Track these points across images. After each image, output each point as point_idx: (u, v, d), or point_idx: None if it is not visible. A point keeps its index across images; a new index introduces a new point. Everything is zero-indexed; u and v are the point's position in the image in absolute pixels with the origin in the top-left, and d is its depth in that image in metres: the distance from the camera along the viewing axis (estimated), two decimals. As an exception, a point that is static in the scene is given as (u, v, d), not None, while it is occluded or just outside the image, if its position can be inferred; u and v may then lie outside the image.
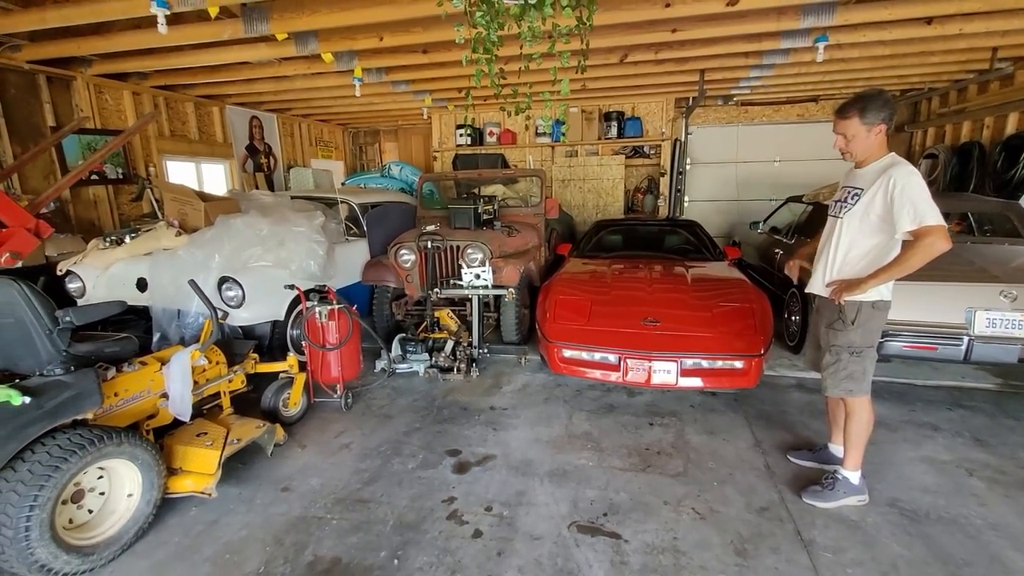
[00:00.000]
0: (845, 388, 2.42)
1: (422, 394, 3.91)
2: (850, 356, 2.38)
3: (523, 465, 2.89)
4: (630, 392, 3.81)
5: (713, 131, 8.53)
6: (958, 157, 6.55)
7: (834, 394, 2.48)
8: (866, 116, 2.23)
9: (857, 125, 2.26)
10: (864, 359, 2.38)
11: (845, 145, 2.34)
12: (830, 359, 2.43)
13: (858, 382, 2.40)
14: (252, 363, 3.34)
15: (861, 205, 2.29)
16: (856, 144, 2.31)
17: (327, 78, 6.04)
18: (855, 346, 2.37)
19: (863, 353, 2.38)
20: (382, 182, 7.78)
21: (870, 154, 2.32)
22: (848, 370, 2.39)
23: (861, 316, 2.34)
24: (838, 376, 2.42)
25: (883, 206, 2.21)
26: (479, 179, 6.23)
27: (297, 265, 4.04)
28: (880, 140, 2.29)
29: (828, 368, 2.45)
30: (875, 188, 2.23)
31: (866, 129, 2.25)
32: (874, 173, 2.28)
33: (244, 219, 4.02)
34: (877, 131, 2.26)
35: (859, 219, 2.31)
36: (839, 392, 2.44)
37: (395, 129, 10.36)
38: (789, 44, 4.83)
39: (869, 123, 2.24)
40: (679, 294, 3.88)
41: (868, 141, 2.28)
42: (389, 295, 5.01)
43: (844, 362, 2.39)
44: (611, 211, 8.14)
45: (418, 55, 5.17)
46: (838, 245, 2.39)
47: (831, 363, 2.43)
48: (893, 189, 2.16)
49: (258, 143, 7.86)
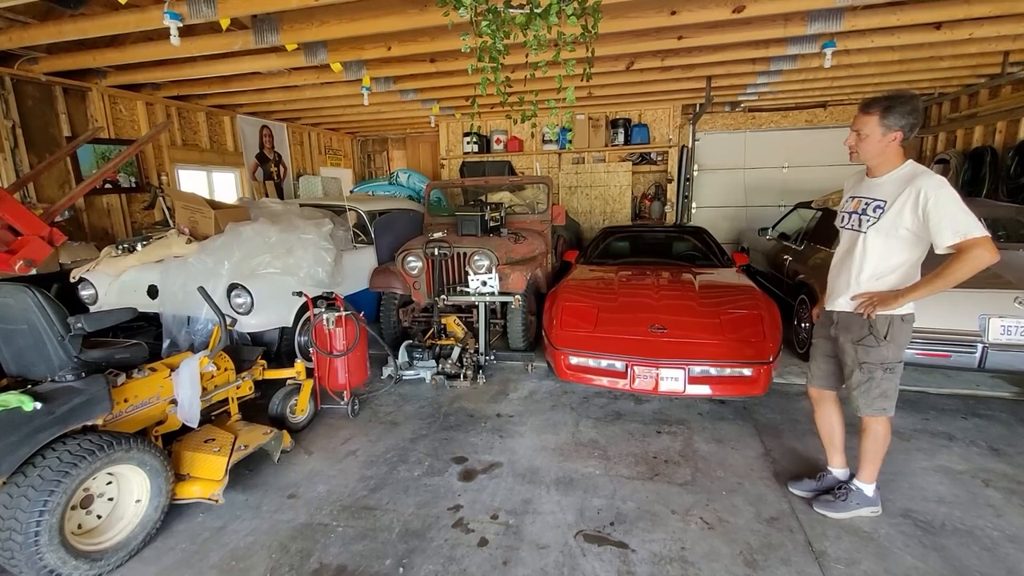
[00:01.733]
0: (879, 407, 2.28)
1: (428, 401, 3.90)
2: (884, 373, 2.23)
3: (529, 473, 2.87)
4: (637, 400, 3.78)
5: (720, 137, 8.51)
6: (970, 162, 6.48)
7: (868, 413, 2.31)
8: (887, 118, 2.09)
9: (875, 125, 2.12)
10: (896, 375, 2.26)
11: (856, 143, 2.20)
12: (861, 377, 2.27)
13: (891, 400, 2.28)
14: (260, 370, 3.36)
15: (887, 220, 2.13)
16: (867, 146, 2.17)
17: (336, 87, 6.11)
18: (888, 362, 2.23)
19: (895, 369, 2.25)
20: (390, 189, 7.84)
21: (882, 161, 2.18)
22: (882, 387, 2.25)
23: (893, 330, 2.19)
24: (871, 395, 2.27)
25: (915, 221, 2.07)
26: (486, 186, 6.26)
27: (305, 272, 4.08)
28: (894, 149, 2.15)
29: (860, 387, 2.29)
30: (902, 201, 2.08)
31: (881, 132, 2.11)
32: (896, 184, 2.13)
33: (253, 227, 4.07)
34: (892, 138, 2.12)
35: (886, 234, 2.15)
36: (873, 411, 2.30)
37: (403, 137, 10.44)
38: (796, 50, 4.82)
39: (887, 126, 2.10)
40: (686, 301, 3.86)
41: (879, 146, 2.14)
42: (396, 302, 5.02)
43: (878, 380, 2.24)
44: (618, 218, 8.14)
45: (425, 64, 5.22)
46: (864, 261, 2.23)
47: (863, 381, 2.27)
48: (926, 203, 2.02)
49: (268, 152, 7.96)
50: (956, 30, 4.40)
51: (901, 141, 2.13)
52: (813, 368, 2.60)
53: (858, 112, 2.18)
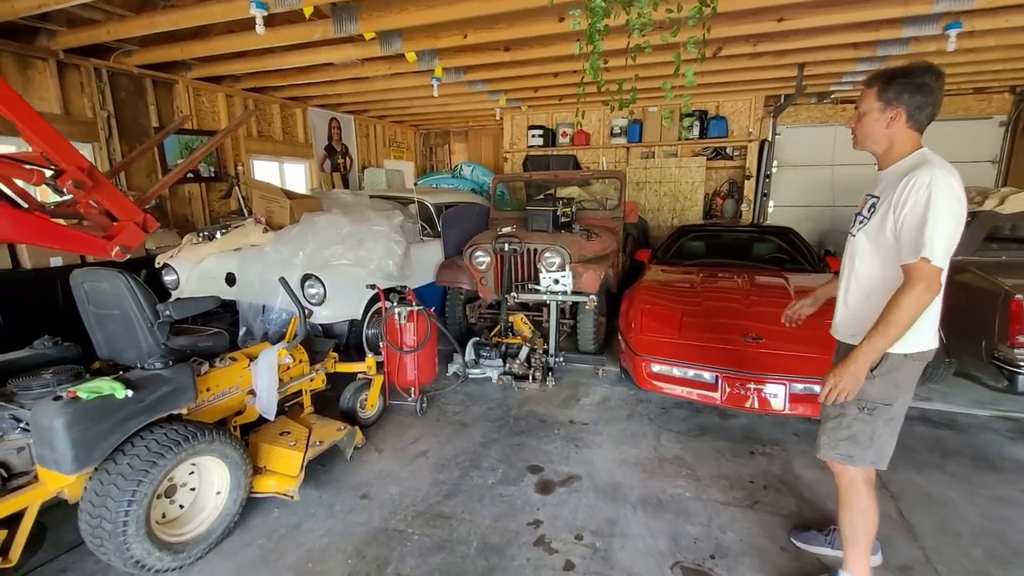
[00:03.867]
0: (843, 452, 1.81)
1: (496, 402, 3.76)
2: (859, 412, 1.76)
3: (611, 489, 2.66)
4: (722, 414, 3.48)
5: (804, 131, 7.88)
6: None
7: (827, 456, 1.86)
8: (885, 92, 1.66)
9: (871, 100, 1.69)
10: (877, 420, 1.75)
11: (855, 123, 1.78)
12: (831, 411, 1.83)
13: (861, 447, 1.78)
14: (332, 362, 3.32)
15: (876, 219, 1.70)
16: (863, 125, 1.73)
17: (406, 78, 6.06)
18: (870, 400, 1.74)
19: (877, 412, 1.75)
20: (453, 182, 7.78)
21: (886, 148, 1.72)
22: (852, 429, 1.78)
23: (887, 365, 1.71)
24: (837, 434, 1.81)
25: (893, 222, 1.64)
26: (555, 180, 6.04)
27: (375, 264, 4.02)
28: (900, 132, 1.67)
29: (828, 421, 1.85)
30: (894, 195, 1.63)
31: (879, 108, 1.67)
32: (896, 176, 1.66)
33: (327, 217, 4.05)
34: (891, 117, 1.66)
35: (875, 239, 1.71)
36: (834, 456, 1.84)
37: (465, 130, 10.38)
38: (913, 32, 4.30)
39: (886, 101, 1.66)
40: (779, 309, 3.49)
41: (877, 126, 1.69)
42: (462, 297, 4.92)
43: (850, 417, 1.78)
44: (689, 216, 7.71)
45: (499, 53, 5.06)
46: (851, 271, 1.82)
47: (832, 416, 1.83)
48: (905, 200, 1.58)
49: (336, 143, 8.08)
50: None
51: (907, 123, 1.67)
52: None
53: (863, 87, 1.77)
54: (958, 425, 3.33)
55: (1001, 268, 3.48)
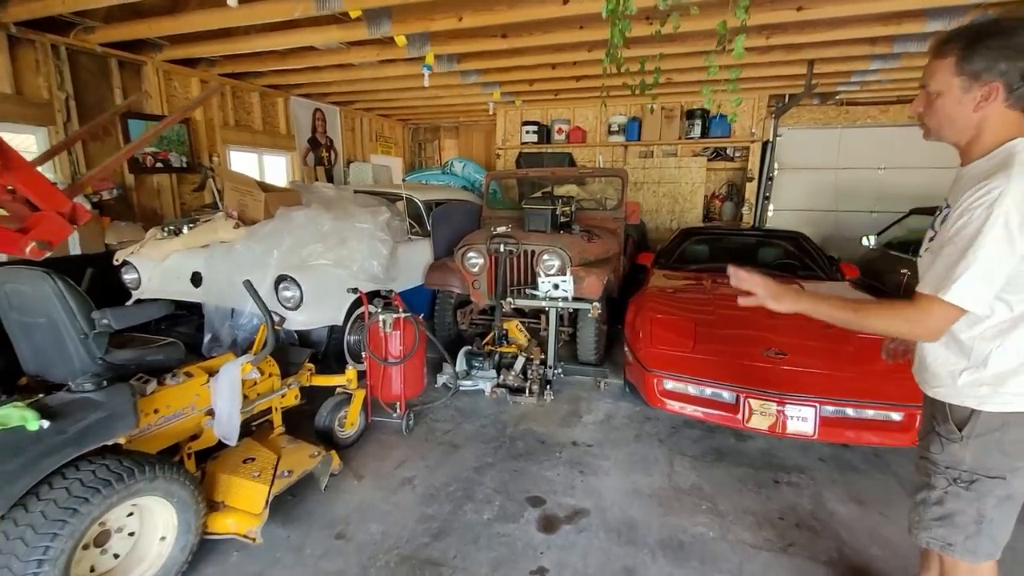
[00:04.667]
0: (940, 537, 1.41)
1: (491, 419, 3.41)
2: (951, 485, 1.37)
3: (625, 528, 2.33)
4: (738, 435, 3.18)
5: (806, 133, 7.66)
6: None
7: (922, 541, 1.46)
8: (969, 61, 1.19)
9: (947, 75, 1.22)
10: (983, 499, 1.33)
11: (924, 107, 1.31)
12: (918, 480, 1.48)
13: (962, 533, 1.37)
14: (308, 375, 2.95)
15: (943, 233, 1.28)
16: (938, 111, 1.27)
17: (395, 67, 5.69)
18: (963, 470, 1.35)
19: (979, 487, 1.33)
20: (444, 179, 7.42)
21: (971, 138, 1.26)
22: (946, 507, 1.38)
23: (979, 425, 1.32)
24: (927, 512, 1.43)
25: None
26: (553, 177, 5.71)
27: (359, 265, 3.65)
28: (993, 116, 1.21)
29: (917, 495, 1.48)
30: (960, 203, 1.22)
31: (961, 86, 1.21)
32: (972, 179, 1.23)
33: (305, 213, 3.67)
34: (982, 96, 1.20)
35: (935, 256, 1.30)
36: (927, 540, 1.44)
37: (456, 125, 10.02)
38: (938, 26, 4.04)
39: (970, 76, 1.19)
40: (804, 319, 3.19)
41: (958, 111, 1.24)
42: (452, 302, 4.57)
43: (939, 491, 1.39)
44: (688, 218, 7.44)
45: (496, 40, 4.71)
46: None
47: (918, 488, 1.47)
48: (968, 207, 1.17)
49: (320, 136, 7.67)
50: None
51: (1006, 101, 1.19)
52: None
53: (929, 58, 1.29)
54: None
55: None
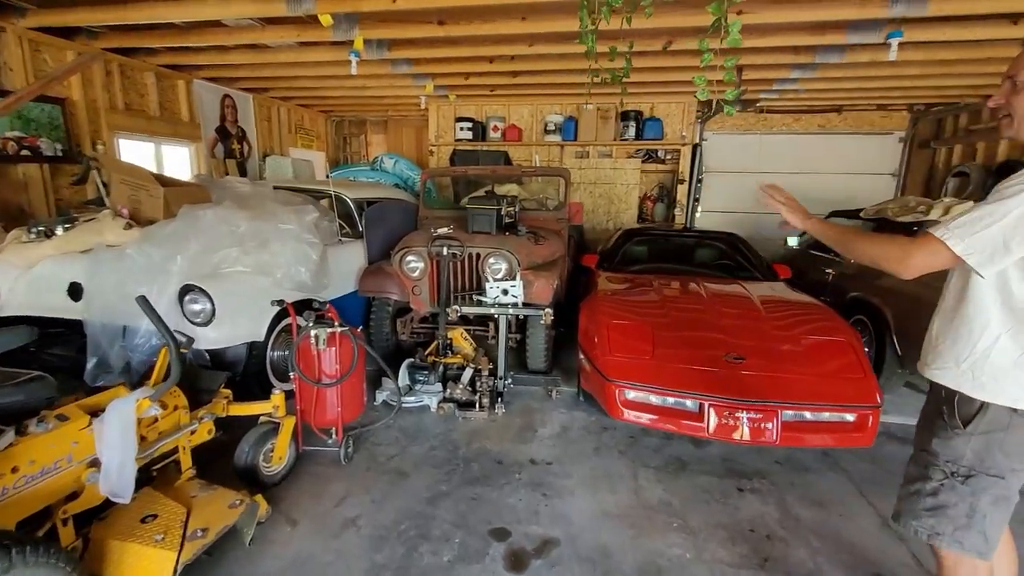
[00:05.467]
0: (929, 527, 1.42)
1: (440, 438, 3.12)
2: (946, 476, 1.39)
3: (600, 556, 2.15)
4: (696, 442, 3.12)
5: (729, 139, 8.01)
6: (996, 177, 6.19)
7: (908, 529, 1.48)
8: None
9: None
10: (977, 495, 1.36)
11: (1007, 98, 1.33)
12: (913, 471, 1.49)
13: (953, 524, 1.38)
14: (224, 404, 2.49)
15: None
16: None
17: (317, 51, 5.18)
18: (961, 463, 1.36)
19: (975, 483, 1.35)
20: (374, 175, 6.93)
21: None
22: (939, 498, 1.39)
23: (985, 420, 1.34)
24: (919, 503, 1.44)
25: None
26: (493, 176, 5.48)
27: (283, 272, 3.21)
28: None
29: (909, 486, 1.48)
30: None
31: None
32: None
33: (216, 211, 3.16)
34: None
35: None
36: (918, 530, 1.45)
37: (384, 120, 9.48)
38: (856, 39, 4.27)
39: None
40: (756, 322, 3.23)
41: None
42: (390, 310, 4.19)
43: (934, 483, 1.41)
44: (623, 219, 7.51)
45: (431, 26, 4.38)
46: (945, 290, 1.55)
47: (913, 478, 1.48)
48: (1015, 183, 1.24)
49: (230, 125, 6.88)
50: (1037, 26, 3.96)
51: None
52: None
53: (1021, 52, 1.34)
54: (921, 440, 3.24)
55: (955, 278, 3.47)
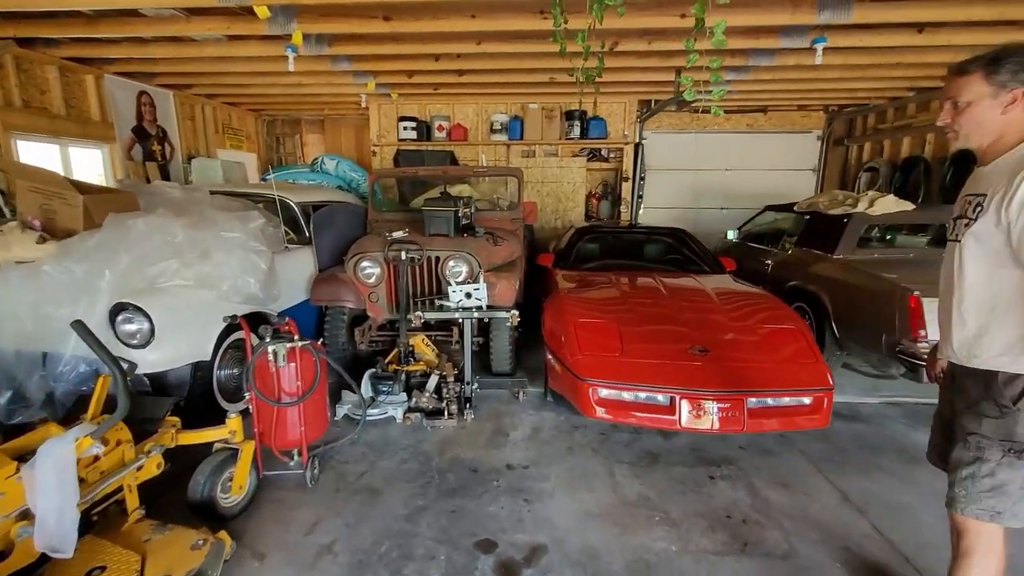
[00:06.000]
0: (988, 508, 1.51)
1: (410, 450, 3.00)
2: (1003, 455, 1.48)
3: (589, 559, 2.14)
4: (664, 434, 3.20)
5: (667, 137, 8.32)
6: (902, 172, 6.84)
7: (970, 513, 1.53)
8: (998, 73, 1.45)
9: (979, 86, 1.46)
10: None
11: (952, 118, 1.54)
12: (966, 456, 1.54)
13: (1012, 500, 1.49)
14: (172, 434, 2.26)
15: (986, 218, 1.47)
16: (972, 117, 1.49)
17: (248, 45, 4.84)
18: (1015, 440, 1.47)
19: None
20: (315, 178, 6.60)
21: (997, 139, 1.50)
22: (998, 477, 1.49)
23: None
24: (977, 484, 1.51)
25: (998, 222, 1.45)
26: (444, 177, 5.36)
27: (230, 284, 2.97)
28: (1017, 118, 1.47)
29: (962, 469, 1.55)
30: (1005, 190, 1.44)
31: (991, 93, 1.45)
32: (1007, 168, 1.46)
33: (149, 220, 2.86)
34: (1010, 99, 1.45)
35: (984, 241, 1.50)
36: (976, 512, 1.52)
37: (320, 119, 9.04)
38: (787, 43, 4.55)
39: (1000, 84, 1.45)
40: (714, 314, 3.36)
41: (988, 115, 1.47)
42: (345, 318, 3.99)
43: (992, 463, 1.50)
44: (571, 217, 7.62)
45: (377, 22, 4.21)
46: (963, 282, 1.57)
47: (968, 462, 1.53)
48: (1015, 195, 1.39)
49: (149, 125, 6.30)
50: (937, 35, 4.39)
51: None
52: (932, 440, 1.87)
53: (949, 78, 1.54)
54: (863, 416, 3.51)
55: (883, 265, 3.78)
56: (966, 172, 5.31)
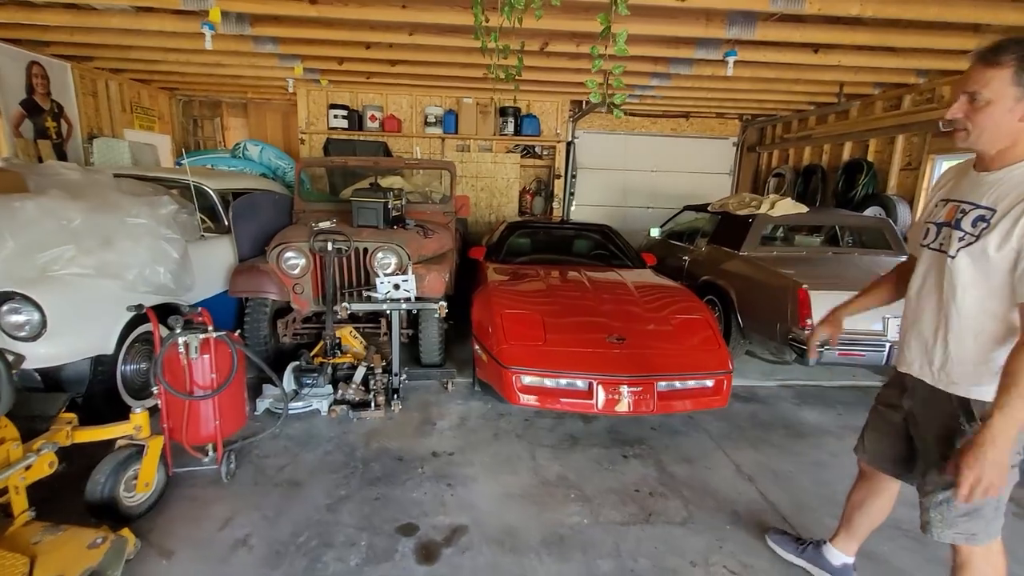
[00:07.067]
0: (965, 531, 1.49)
1: (335, 443, 2.98)
2: None
3: (507, 536, 2.24)
4: (585, 418, 3.38)
5: (598, 137, 8.64)
6: (802, 178, 7.52)
7: (945, 538, 1.52)
8: None
9: (1006, 85, 1.31)
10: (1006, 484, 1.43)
11: (966, 113, 1.38)
12: (940, 481, 1.50)
13: (986, 522, 1.47)
14: (67, 431, 2.12)
15: (991, 238, 1.36)
16: (989, 118, 1.35)
17: (159, 17, 4.53)
18: None
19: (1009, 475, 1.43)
20: (237, 164, 6.27)
21: (1009, 145, 1.38)
22: (972, 503, 1.40)
23: None
24: (952, 511, 1.48)
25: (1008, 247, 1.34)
26: (376, 168, 5.28)
27: (137, 273, 2.79)
28: None
29: (937, 494, 1.51)
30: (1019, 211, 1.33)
31: (1017, 96, 1.31)
32: (1019, 184, 1.36)
33: (39, 202, 2.64)
34: None
35: (982, 263, 1.39)
36: (953, 536, 1.51)
37: (243, 102, 8.58)
38: (702, 54, 4.89)
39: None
40: (632, 305, 3.57)
41: (1005, 119, 1.34)
42: (268, 311, 3.86)
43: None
44: (505, 212, 7.73)
45: (302, 4, 4.09)
46: (953, 303, 1.46)
47: (941, 487, 1.49)
48: None
49: (42, 99, 5.72)
50: (830, 55, 4.88)
51: None
52: (868, 440, 1.85)
53: (976, 66, 1.36)
54: (759, 398, 3.88)
55: (780, 262, 4.18)
56: (855, 180, 5.93)
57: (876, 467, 1.83)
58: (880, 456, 1.80)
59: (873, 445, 1.82)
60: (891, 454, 1.75)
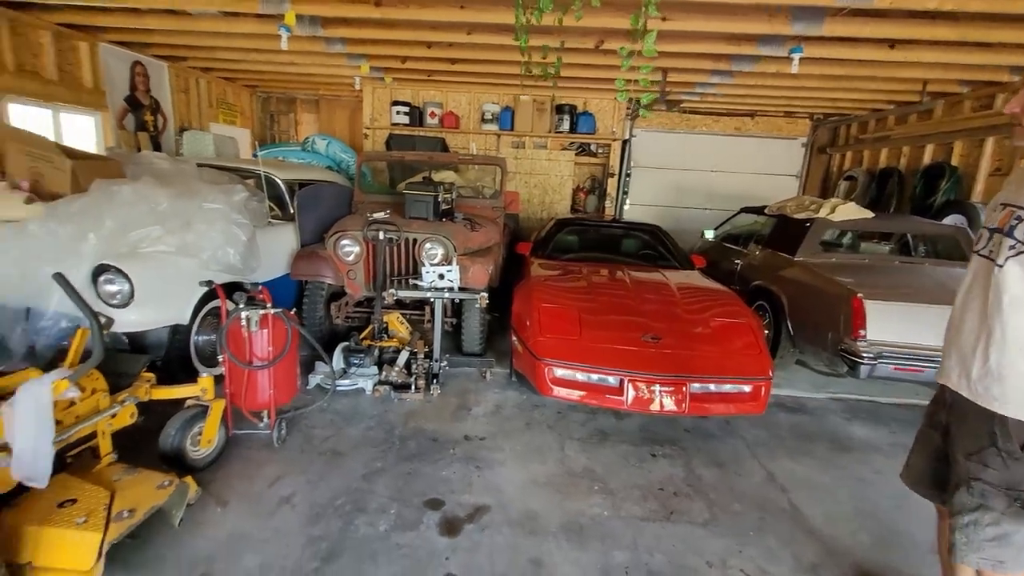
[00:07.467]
0: (992, 556, 1.43)
1: (376, 420, 3.18)
2: (1008, 505, 1.39)
3: (527, 519, 2.33)
4: (618, 415, 3.40)
5: (655, 136, 8.47)
6: (877, 182, 7.04)
7: (970, 562, 1.46)
8: None
9: None
10: None
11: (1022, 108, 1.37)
12: (968, 502, 1.44)
13: (1017, 550, 1.40)
14: (146, 388, 2.42)
15: None
16: None
17: (242, 22, 4.94)
18: (1020, 490, 1.38)
19: None
20: (305, 157, 6.70)
21: None
22: (1002, 527, 1.40)
23: None
24: (979, 534, 1.43)
25: None
26: (430, 162, 5.49)
27: (210, 254, 3.11)
28: None
29: (964, 515, 1.45)
30: None
31: None
32: None
33: (134, 188, 2.99)
34: None
35: None
36: (979, 560, 1.45)
37: (315, 99, 9.11)
38: (766, 51, 4.71)
39: None
40: (672, 306, 3.54)
41: None
42: (324, 294, 4.15)
43: (996, 512, 1.40)
44: (557, 209, 7.77)
45: (368, 7, 4.33)
46: (999, 313, 1.38)
47: (969, 509, 1.44)
48: None
49: (142, 95, 6.37)
50: (908, 51, 4.56)
51: None
52: (911, 462, 1.77)
53: None
54: (806, 409, 3.72)
55: (838, 269, 3.98)
56: (936, 185, 5.51)
57: (917, 491, 1.75)
58: (919, 478, 1.72)
59: (914, 467, 1.74)
60: (929, 476, 1.67)
